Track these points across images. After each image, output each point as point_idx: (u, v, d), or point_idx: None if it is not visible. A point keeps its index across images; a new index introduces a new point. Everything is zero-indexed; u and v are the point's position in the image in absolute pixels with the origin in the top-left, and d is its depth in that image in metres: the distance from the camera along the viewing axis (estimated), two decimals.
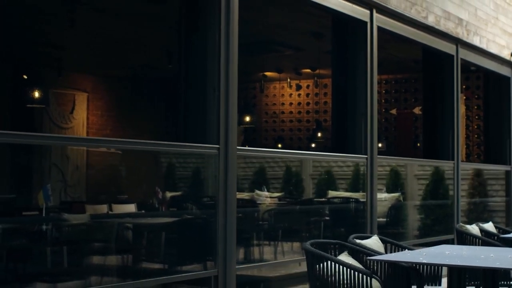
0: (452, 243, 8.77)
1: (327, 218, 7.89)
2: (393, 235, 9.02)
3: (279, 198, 8.23)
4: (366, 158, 7.53)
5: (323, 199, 8.46)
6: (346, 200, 8.08)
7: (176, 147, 5.69)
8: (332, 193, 8.38)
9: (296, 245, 8.19)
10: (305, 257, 4.92)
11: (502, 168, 10.87)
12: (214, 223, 5.60)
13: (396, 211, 9.27)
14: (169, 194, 7.76)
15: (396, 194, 8.88)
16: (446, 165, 9.34)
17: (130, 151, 11.11)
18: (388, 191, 8.79)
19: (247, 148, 6.34)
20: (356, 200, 7.79)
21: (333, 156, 7.81)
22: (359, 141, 7.54)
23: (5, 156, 9.72)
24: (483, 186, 10.71)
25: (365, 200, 7.49)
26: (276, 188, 8.37)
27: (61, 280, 6.42)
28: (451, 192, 9.31)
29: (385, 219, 8.86)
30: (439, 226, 9.48)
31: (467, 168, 10.40)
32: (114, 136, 12.47)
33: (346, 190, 8.25)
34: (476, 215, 10.43)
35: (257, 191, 7.83)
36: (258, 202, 7.74)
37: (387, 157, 9.72)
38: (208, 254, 5.65)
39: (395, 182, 9.04)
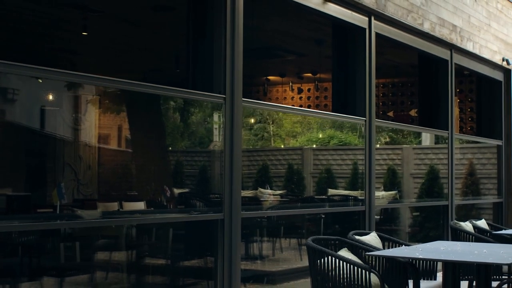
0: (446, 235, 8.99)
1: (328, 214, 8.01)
2: (390, 231, 9.32)
3: (281, 195, 8.42)
4: (365, 121, 7.55)
5: (323, 197, 8.64)
6: (345, 197, 8.15)
7: (183, 93, 5.63)
8: (332, 191, 8.55)
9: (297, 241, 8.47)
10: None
11: (494, 142, 10.87)
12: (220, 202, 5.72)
13: (393, 209, 9.55)
14: (176, 191, 8.02)
15: (393, 192, 9.02)
16: (441, 134, 9.39)
17: (140, 151, 11.40)
18: (386, 189, 8.91)
19: (252, 100, 6.52)
20: (355, 198, 7.80)
21: (334, 115, 7.82)
22: (359, 104, 7.61)
23: (22, 156, 10.00)
24: (475, 185, 10.79)
25: (363, 197, 7.49)
26: (279, 186, 8.63)
27: (74, 274, 6.73)
28: (445, 191, 9.39)
29: (382, 216, 9.15)
30: (433, 222, 9.75)
31: (463, 158, 10.49)
32: (124, 136, 12.71)
33: (345, 188, 8.39)
34: (469, 212, 10.56)
35: (261, 189, 8.07)
36: (262, 199, 7.93)
37: (384, 121, 9.86)
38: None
39: (392, 181, 9.21)
